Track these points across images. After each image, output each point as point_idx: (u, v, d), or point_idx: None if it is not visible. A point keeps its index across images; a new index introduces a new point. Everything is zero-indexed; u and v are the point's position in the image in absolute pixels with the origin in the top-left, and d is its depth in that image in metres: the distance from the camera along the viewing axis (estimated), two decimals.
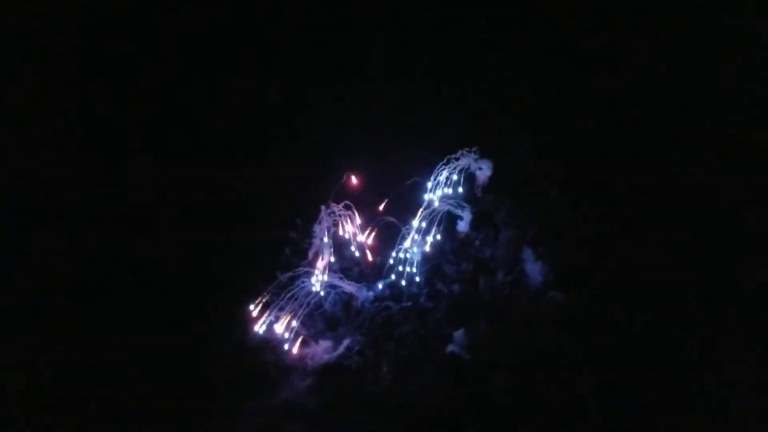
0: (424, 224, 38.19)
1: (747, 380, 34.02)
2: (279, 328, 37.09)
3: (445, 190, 38.59)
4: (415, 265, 38.12)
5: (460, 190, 38.67)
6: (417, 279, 37.94)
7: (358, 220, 38.71)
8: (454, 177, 38.51)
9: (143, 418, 35.69)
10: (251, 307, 37.33)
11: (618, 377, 35.17)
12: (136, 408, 35.77)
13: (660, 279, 36.59)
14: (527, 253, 37.78)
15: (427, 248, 38.24)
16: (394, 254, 38.19)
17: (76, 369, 36.19)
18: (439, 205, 38.45)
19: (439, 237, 38.37)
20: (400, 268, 38.14)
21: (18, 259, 38.20)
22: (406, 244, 38.06)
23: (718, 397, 33.93)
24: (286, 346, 36.84)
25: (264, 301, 37.35)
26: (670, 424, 33.89)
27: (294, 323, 37.14)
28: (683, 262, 36.67)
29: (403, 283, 37.87)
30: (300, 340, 37.08)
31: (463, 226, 38.64)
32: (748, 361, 34.33)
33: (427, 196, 38.64)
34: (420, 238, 38.17)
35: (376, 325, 37.48)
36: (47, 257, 38.31)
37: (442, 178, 38.25)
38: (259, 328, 37.05)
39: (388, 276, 38.22)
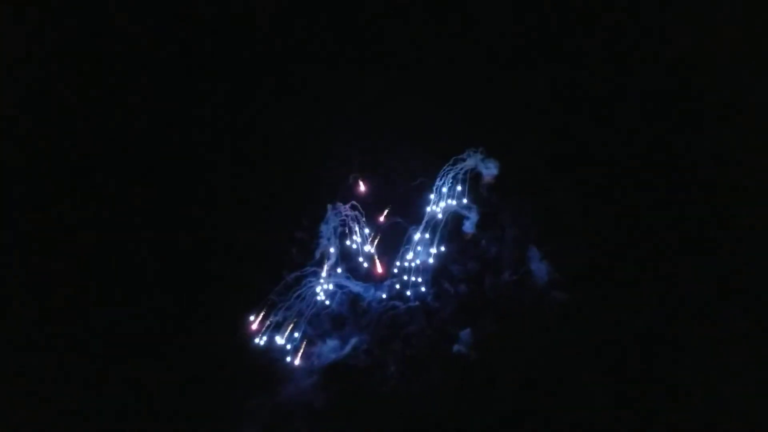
0: (427, 235, 38.25)
1: (751, 379, 34.40)
2: (280, 339, 37.01)
3: (449, 201, 38.62)
4: (420, 274, 38.25)
5: (465, 201, 38.71)
6: (423, 289, 38.04)
7: (366, 229, 38.68)
8: (458, 187, 38.52)
9: (148, 416, 35.70)
10: (251, 317, 37.24)
11: (623, 377, 35.42)
12: (141, 406, 35.84)
13: (665, 278, 36.80)
14: (533, 253, 37.92)
15: (431, 260, 38.28)
16: (398, 263, 38.28)
17: (82, 369, 36.21)
18: (443, 215, 38.50)
19: (443, 248, 38.36)
20: (405, 278, 38.22)
21: (18, 261, 37.96)
22: (409, 256, 38.14)
23: (722, 396, 34.17)
24: (288, 358, 36.83)
25: (268, 304, 37.24)
26: (675, 423, 34.19)
27: (296, 334, 37.04)
28: (688, 261, 36.89)
29: (408, 293, 37.97)
30: (302, 349, 37.05)
31: (469, 226, 38.69)
32: (753, 361, 34.64)
33: (429, 208, 38.65)
34: (423, 249, 38.22)
35: (383, 324, 37.59)
36: (50, 260, 38.10)
37: (445, 189, 38.28)
38: (260, 340, 37.00)
39: (392, 287, 38.27)
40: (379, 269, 38.40)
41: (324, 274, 37.94)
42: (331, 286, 37.93)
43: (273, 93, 41.53)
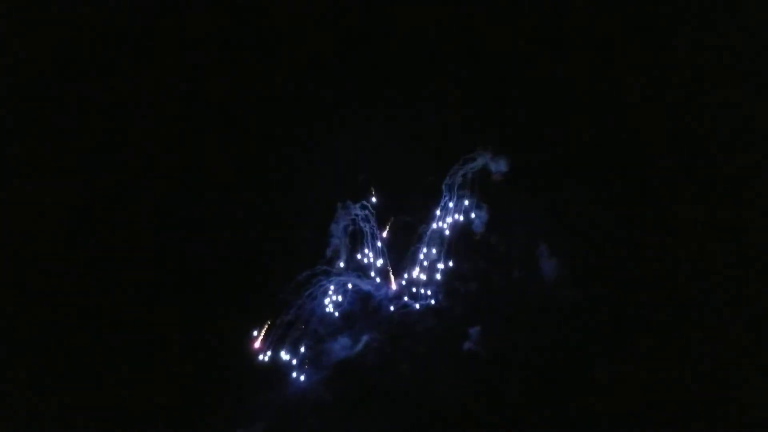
0: (434, 250, 38.47)
1: (758, 377, 34.84)
2: (285, 354, 37.04)
3: (456, 216, 38.87)
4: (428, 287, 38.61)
5: (474, 216, 38.98)
6: (433, 302, 38.29)
7: (378, 243, 38.83)
8: (466, 202, 38.78)
9: (158, 412, 36.00)
10: (254, 333, 37.32)
11: (632, 374, 35.60)
12: (151, 402, 36.10)
13: (674, 275, 37.04)
14: (542, 250, 38.12)
15: (438, 276, 38.55)
16: (406, 275, 38.57)
17: (96, 368, 36.60)
18: (450, 232, 38.80)
19: (451, 264, 38.63)
20: (414, 290, 38.54)
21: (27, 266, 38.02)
22: (415, 272, 38.46)
23: (728, 393, 34.47)
24: (294, 374, 36.89)
25: (273, 314, 37.39)
26: (682, 420, 34.56)
27: (302, 348, 37.15)
28: (697, 258, 37.08)
29: (417, 306, 38.22)
30: (307, 364, 37.21)
31: (478, 224, 38.92)
32: (760, 360, 35.07)
33: (435, 225, 38.83)
34: (430, 264, 38.52)
35: (394, 322, 37.81)
36: (55, 263, 38.16)
37: (451, 204, 38.59)
38: (264, 356, 37.06)
39: (401, 297, 38.56)
40: (393, 286, 38.67)
41: (335, 273, 38.16)
42: (340, 298, 38.11)
43: (276, 93, 41.48)
